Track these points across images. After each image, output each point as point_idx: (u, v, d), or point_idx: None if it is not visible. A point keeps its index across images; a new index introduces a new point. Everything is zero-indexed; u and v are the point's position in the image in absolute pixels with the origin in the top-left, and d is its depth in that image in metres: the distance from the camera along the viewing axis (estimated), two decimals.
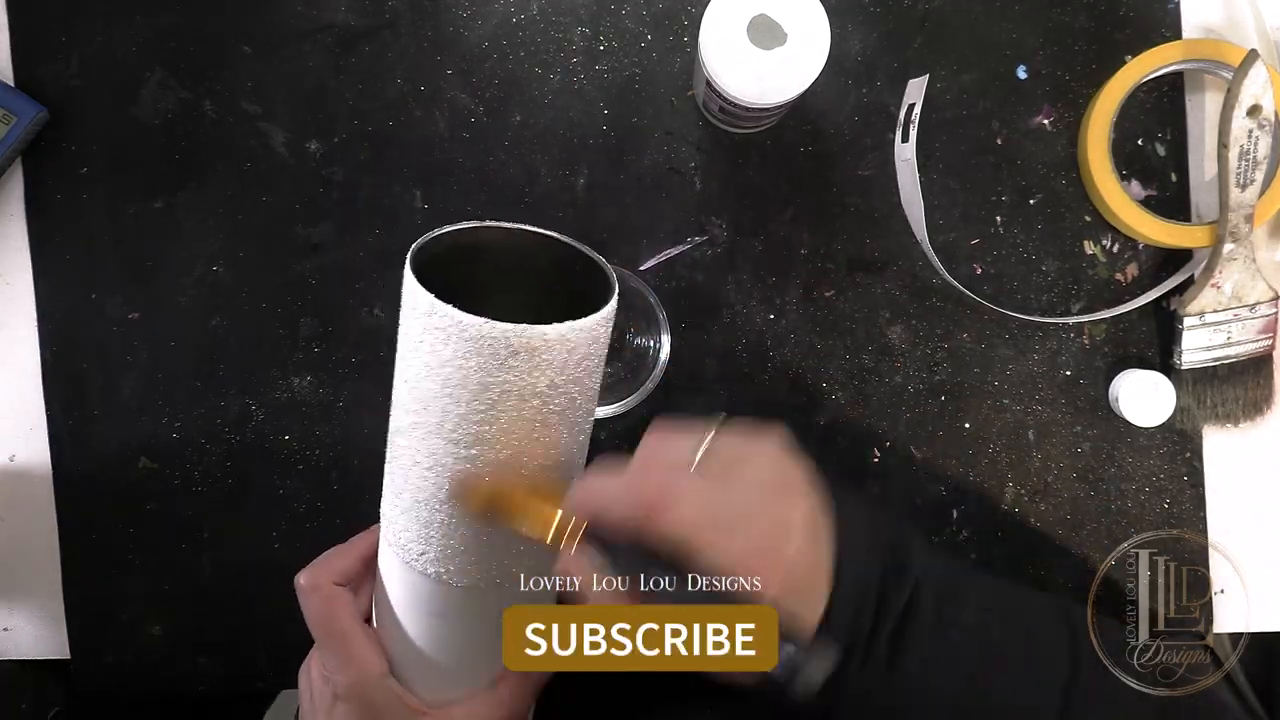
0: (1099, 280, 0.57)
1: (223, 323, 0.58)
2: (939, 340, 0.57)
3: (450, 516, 0.39)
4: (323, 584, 0.44)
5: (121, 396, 0.58)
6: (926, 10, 0.56)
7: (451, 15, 0.57)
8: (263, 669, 0.59)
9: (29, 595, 0.59)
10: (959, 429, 0.57)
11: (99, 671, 0.59)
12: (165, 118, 0.57)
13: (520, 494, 0.37)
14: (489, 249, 0.43)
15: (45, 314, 0.58)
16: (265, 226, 0.57)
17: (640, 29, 0.57)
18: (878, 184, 0.57)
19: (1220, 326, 0.55)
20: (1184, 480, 0.57)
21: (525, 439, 0.38)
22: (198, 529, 0.58)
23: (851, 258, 0.57)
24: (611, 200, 0.57)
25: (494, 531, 0.39)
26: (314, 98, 0.57)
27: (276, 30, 0.57)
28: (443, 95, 0.57)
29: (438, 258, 0.40)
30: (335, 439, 0.58)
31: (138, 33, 0.57)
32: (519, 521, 0.37)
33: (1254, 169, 0.52)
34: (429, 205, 0.57)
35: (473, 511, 0.38)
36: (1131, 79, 0.55)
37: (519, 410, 0.37)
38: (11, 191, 0.58)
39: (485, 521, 0.39)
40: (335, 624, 0.43)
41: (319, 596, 0.43)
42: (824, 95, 0.56)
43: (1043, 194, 0.57)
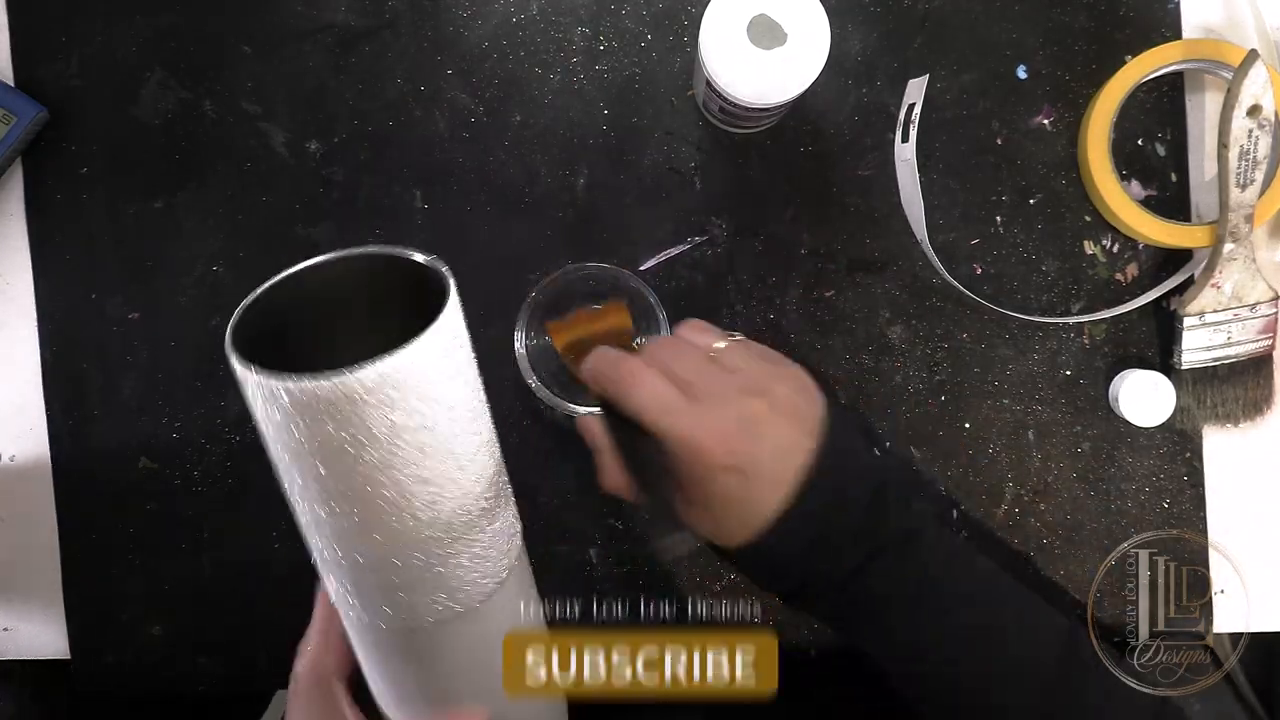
0: (1099, 280, 0.57)
1: (223, 323, 0.57)
2: (939, 340, 0.57)
3: (349, 563, 0.36)
4: (312, 688, 0.42)
5: (121, 396, 0.58)
6: (926, 10, 0.56)
7: (451, 15, 0.57)
8: (263, 669, 0.59)
9: (29, 595, 0.59)
10: (959, 429, 0.57)
11: (99, 671, 0.59)
12: (165, 118, 0.57)
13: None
14: (319, 294, 0.38)
15: (45, 314, 0.58)
16: (265, 226, 0.57)
17: (640, 29, 0.57)
18: (878, 184, 0.57)
19: (1220, 326, 0.55)
20: (1184, 480, 0.57)
21: (392, 486, 0.33)
22: (198, 529, 0.58)
23: (851, 258, 0.57)
24: (611, 200, 0.57)
25: (403, 571, 0.36)
26: (314, 98, 0.57)
27: (276, 30, 0.57)
28: (443, 95, 0.57)
29: (274, 320, 0.36)
30: None
31: (138, 33, 0.57)
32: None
33: (1254, 169, 0.52)
34: (429, 205, 0.57)
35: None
36: (1131, 79, 0.55)
37: (368, 459, 0.32)
38: (11, 191, 0.58)
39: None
40: (318, 607, 0.43)
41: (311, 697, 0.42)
42: (824, 95, 0.56)
43: (1043, 194, 0.57)
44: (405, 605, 0.36)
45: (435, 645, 0.39)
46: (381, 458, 0.32)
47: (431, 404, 0.33)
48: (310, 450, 0.32)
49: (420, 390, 0.32)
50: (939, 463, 0.57)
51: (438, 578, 0.36)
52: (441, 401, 0.33)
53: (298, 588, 0.44)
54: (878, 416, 0.57)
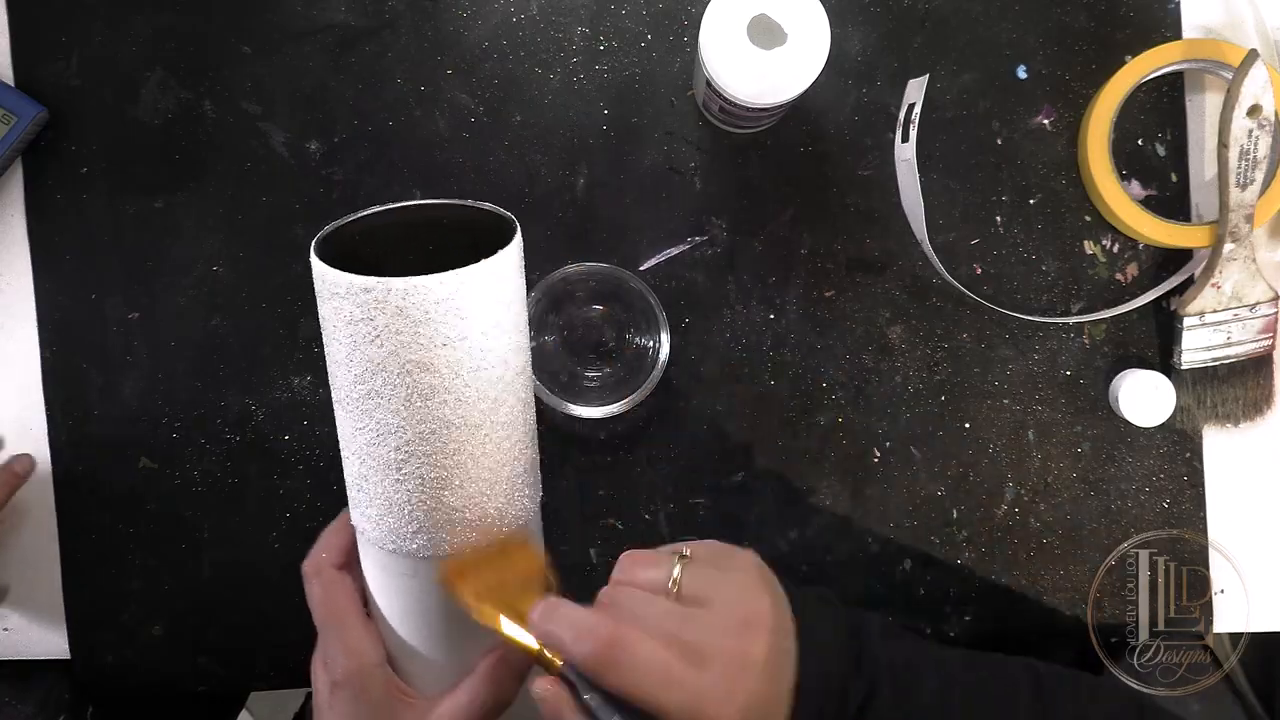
0: (1099, 280, 0.57)
1: (223, 323, 0.58)
2: (939, 340, 0.57)
3: (390, 481, 0.40)
4: (324, 569, 0.44)
5: (121, 396, 0.58)
6: (926, 10, 0.56)
7: (451, 15, 0.57)
8: (263, 669, 0.59)
9: (29, 595, 0.59)
10: (959, 429, 0.57)
11: (99, 671, 0.59)
12: (165, 118, 0.57)
13: (489, 605, 0.39)
14: (393, 235, 0.43)
15: (45, 314, 0.58)
16: (265, 226, 0.57)
17: (640, 29, 0.57)
18: (878, 184, 0.57)
19: (1220, 326, 0.55)
20: (1184, 480, 0.57)
21: (438, 412, 0.39)
22: (198, 529, 0.58)
23: (851, 258, 0.57)
24: (611, 200, 0.57)
25: (444, 494, 0.40)
26: (314, 98, 0.57)
27: (276, 30, 0.57)
28: (443, 95, 0.57)
29: (346, 247, 0.41)
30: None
31: (138, 33, 0.57)
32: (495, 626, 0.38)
33: (1254, 169, 0.52)
34: None
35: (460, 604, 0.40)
36: (1131, 79, 0.55)
37: (421, 377, 0.38)
38: (11, 191, 0.58)
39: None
40: (333, 611, 0.43)
41: (319, 583, 0.44)
42: (824, 95, 0.56)
43: (1043, 194, 0.57)
44: (434, 525, 0.40)
45: (424, 586, 0.41)
46: (452, 357, 0.38)
47: (495, 314, 0.39)
48: (391, 349, 0.37)
49: (493, 295, 0.39)
50: (939, 463, 0.57)
51: (476, 488, 0.40)
52: (502, 316, 0.39)
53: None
54: (878, 416, 0.57)
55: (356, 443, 0.40)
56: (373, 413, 0.39)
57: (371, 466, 0.40)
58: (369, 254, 0.41)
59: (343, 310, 0.38)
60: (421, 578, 0.41)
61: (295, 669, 0.58)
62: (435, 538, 0.40)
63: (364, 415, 0.39)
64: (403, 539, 0.40)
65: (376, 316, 0.37)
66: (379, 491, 0.40)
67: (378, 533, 0.41)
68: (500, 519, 0.41)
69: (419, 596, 0.42)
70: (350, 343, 0.38)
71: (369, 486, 0.41)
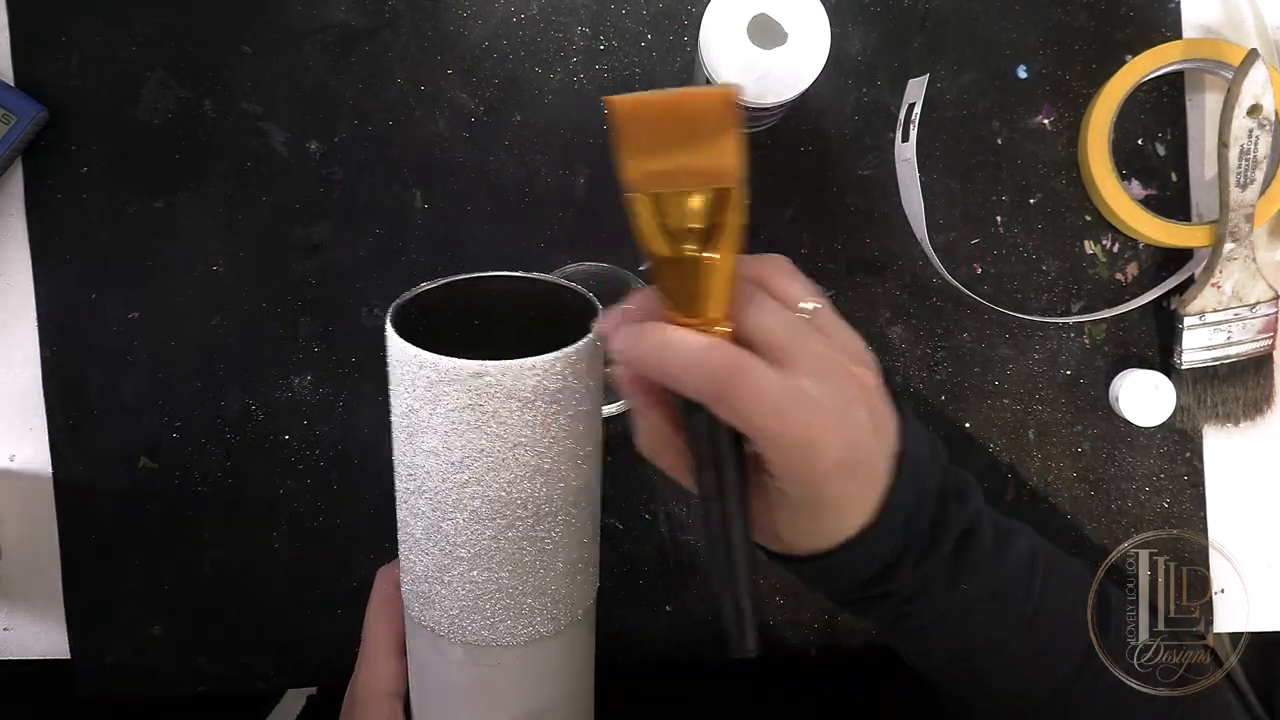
0: (1099, 280, 0.57)
1: (223, 323, 0.58)
2: (939, 340, 0.57)
3: (480, 569, 0.37)
4: (388, 585, 0.42)
5: (121, 396, 0.58)
6: (926, 10, 0.56)
7: (451, 15, 0.57)
8: (263, 669, 0.59)
9: (29, 595, 0.59)
10: (959, 429, 0.57)
11: (99, 671, 0.59)
12: (165, 118, 0.57)
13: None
14: (472, 303, 0.40)
15: (45, 314, 0.58)
16: (265, 226, 0.57)
17: (640, 29, 0.57)
18: (878, 184, 0.57)
19: (1220, 326, 0.55)
20: (1184, 480, 0.57)
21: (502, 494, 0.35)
22: (198, 529, 0.58)
23: (851, 258, 0.57)
24: (612, 200, 0.57)
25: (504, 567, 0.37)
26: (314, 98, 0.57)
27: (276, 30, 0.57)
28: (443, 95, 0.57)
29: (425, 313, 0.38)
30: (335, 439, 0.58)
31: (138, 33, 0.57)
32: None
33: (1254, 168, 0.52)
34: (429, 205, 0.57)
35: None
36: (1131, 79, 0.55)
37: (514, 447, 0.35)
38: (11, 191, 0.58)
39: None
40: (373, 623, 0.42)
41: (382, 596, 0.42)
42: (824, 95, 0.56)
43: (1043, 194, 0.57)
44: (494, 614, 0.37)
45: (506, 676, 0.38)
46: (532, 442, 0.35)
47: (590, 388, 0.36)
48: (497, 433, 0.34)
49: (574, 386, 0.35)
50: None
51: (538, 579, 0.37)
52: (580, 402, 0.36)
53: (298, 588, 0.44)
54: None
55: (442, 531, 0.37)
56: (467, 502, 0.36)
57: (456, 558, 0.37)
58: (422, 325, 0.38)
59: (445, 396, 0.34)
60: (476, 665, 0.39)
61: (296, 669, 0.58)
62: (514, 626, 0.38)
63: (457, 507, 0.36)
64: (475, 630, 0.38)
65: (486, 402, 0.34)
66: (463, 584, 0.37)
67: (451, 629, 0.38)
68: (570, 601, 0.39)
69: (461, 680, 0.39)
70: (448, 429, 0.35)
71: (449, 579, 0.37)
